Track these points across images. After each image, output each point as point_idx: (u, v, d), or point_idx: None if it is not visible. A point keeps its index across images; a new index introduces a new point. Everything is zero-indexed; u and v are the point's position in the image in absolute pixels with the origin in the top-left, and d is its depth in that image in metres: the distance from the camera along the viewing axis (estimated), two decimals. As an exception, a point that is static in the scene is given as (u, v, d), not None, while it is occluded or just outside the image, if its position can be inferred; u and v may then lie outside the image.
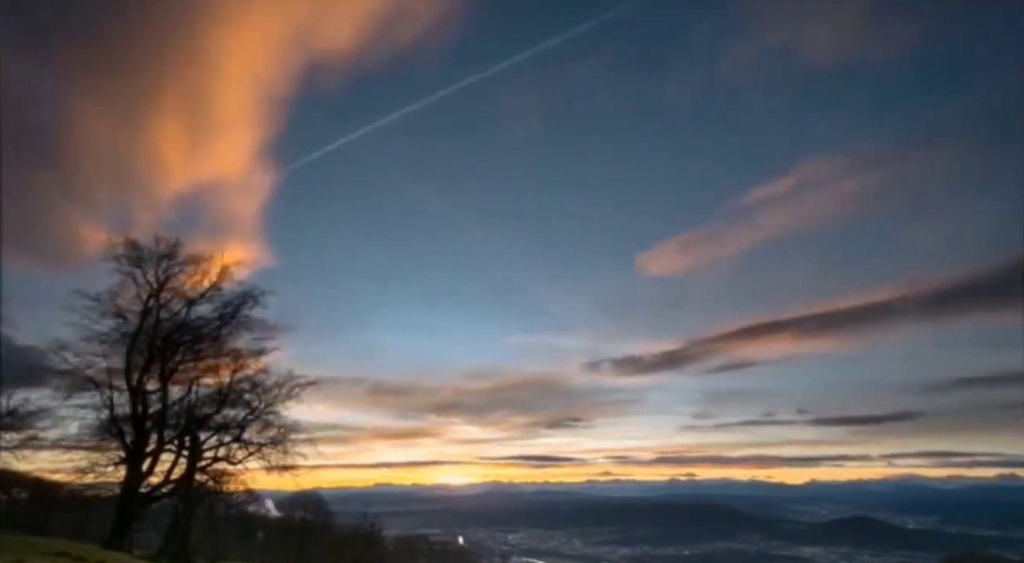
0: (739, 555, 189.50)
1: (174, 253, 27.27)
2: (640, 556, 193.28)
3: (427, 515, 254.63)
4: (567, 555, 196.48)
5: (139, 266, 26.64)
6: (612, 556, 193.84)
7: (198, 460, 28.33)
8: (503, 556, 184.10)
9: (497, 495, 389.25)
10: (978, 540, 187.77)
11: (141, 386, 26.44)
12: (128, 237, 26.88)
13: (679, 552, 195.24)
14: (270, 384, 29.35)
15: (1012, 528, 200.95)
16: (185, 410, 28.44)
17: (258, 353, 29.26)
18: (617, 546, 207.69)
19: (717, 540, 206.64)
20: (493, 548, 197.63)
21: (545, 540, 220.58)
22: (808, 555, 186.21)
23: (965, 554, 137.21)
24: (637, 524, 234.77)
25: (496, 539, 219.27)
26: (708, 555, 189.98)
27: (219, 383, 28.91)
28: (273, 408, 29.15)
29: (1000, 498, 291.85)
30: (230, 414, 29.18)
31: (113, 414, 26.09)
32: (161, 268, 26.98)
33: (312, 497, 65.69)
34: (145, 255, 26.73)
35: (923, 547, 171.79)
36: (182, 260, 27.45)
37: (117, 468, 26.00)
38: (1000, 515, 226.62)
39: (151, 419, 26.80)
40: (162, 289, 27.13)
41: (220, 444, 29.09)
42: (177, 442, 27.98)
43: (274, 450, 28.78)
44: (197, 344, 28.13)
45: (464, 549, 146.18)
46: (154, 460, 26.77)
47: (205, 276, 27.94)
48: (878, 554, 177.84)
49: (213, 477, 29.02)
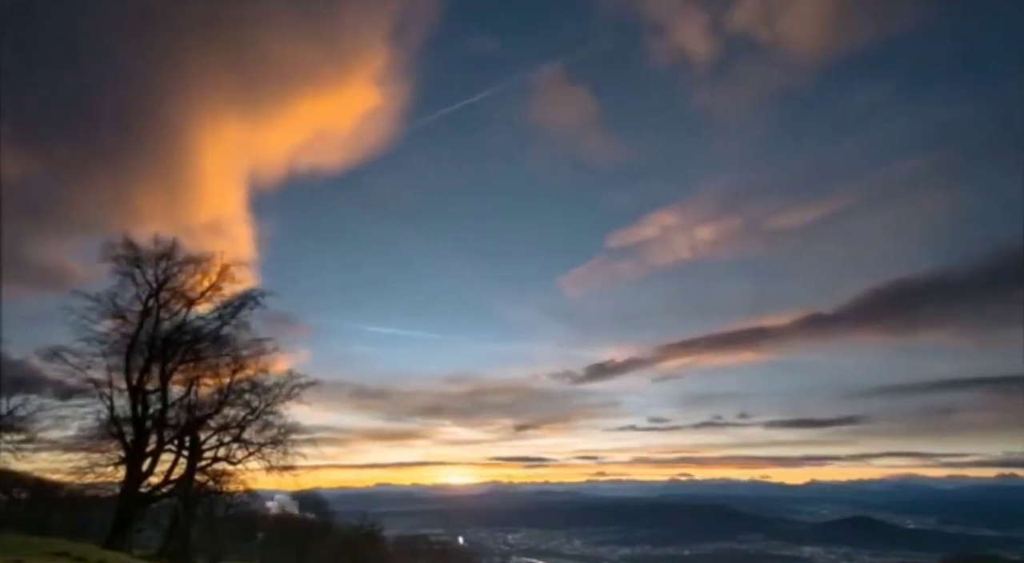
0: (739, 555, 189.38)
1: (172, 253, 27.32)
2: (640, 556, 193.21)
3: (427, 515, 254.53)
4: (567, 555, 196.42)
5: (138, 266, 26.67)
6: (612, 556, 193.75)
7: (198, 460, 28.32)
8: (503, 556, 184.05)
9: (497, 495, 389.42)
10: (978, 540, 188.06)
11: (141, 386, 26.42)
12: (126, 237, 26.93)
13: (679, 552, 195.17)
14: (270, 384, 29.43)
15: (1012, 528, 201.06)
16: (185, 410, 28.46)
17: (258, 353, 29.29)
18: (617, 546, 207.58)
19: (717, 540, 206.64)
20: (493, 548, 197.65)
21: (545, 540, 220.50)
22: (808, 555, 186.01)
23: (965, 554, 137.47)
24: (637, 524, 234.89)
25: (496, 539, 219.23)
26: (708, 555, 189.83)
27: (219, 383, 28.93)
28: (273, 408, 29.22)
29: (1000, 498, 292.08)
30: (230, 414, 29.25)
31: (113, 414, 26.08)
32: (160, 268, 27.01)
33: (312, 497, 65.79)
34: (143, 255, 26.77)
35: (923, 547, 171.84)
36: (181, 260, 27.51)
37: (117, 468, 25.98)
38: (1000, 515, 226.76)
39: (151, 419, 26.79)
40: (161, 289, 27.13)
41: (220, 444, 29.11)
42: (177, 442, 27.99)
43: (274, 450, 28.83)
44: (197, 344, 28.12)
45: (464, 549, 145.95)
46: (154, 460, 26.76)
47: (205, 276, 28.00)
48: (878, 554, 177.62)
49: (213, 477, 29.00)
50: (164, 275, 27.11)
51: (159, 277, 27.02)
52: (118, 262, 26.45)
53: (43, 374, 26.49)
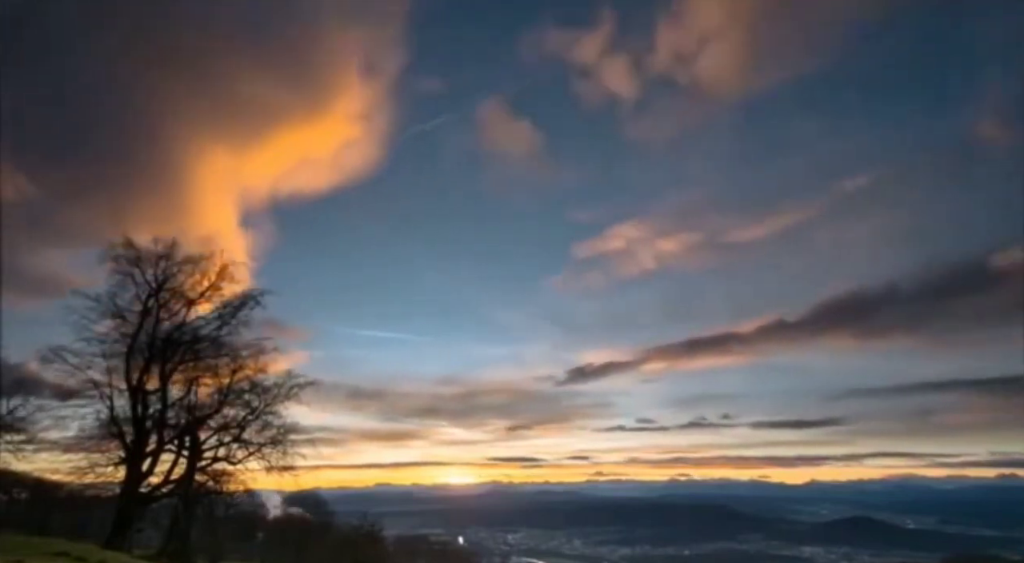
0: (739, 555, 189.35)
1: (172, 253, 27.30)
2: (640, 556, 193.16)
3: (427, 515, 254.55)
4: (567, 555, 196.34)
5: (137, 266, 26.64)
6: (612, 556, 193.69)
7: (198, 460, 28.31)
8: (503, 556, 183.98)
9: (497, 495, 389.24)
10: (978, 540, 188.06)
11: (141, 386, 26.39)
12: (126, 237, 26.92)
13: (679, 552, 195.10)
14: (269, 384, 29.42)
15: (1012, 528, 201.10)
16: (185, 410, 28.44)
17: (257, 353, 29.28)
18: (617, 546, 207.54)
19: (717, 540, 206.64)
20: (493, 548, 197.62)
21: (545, 540, 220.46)
22: (808, 555, 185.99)
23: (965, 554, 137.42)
24: (637, 524, 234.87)
25: (496, 539, 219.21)
26: (708, 555, 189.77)
27: (219, 383, 28.88)
28: (272, 408, 29.20)
29: (1000, 498, 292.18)
30: (230, 414, 29.20)
31: (113, 414, 26.06)
32: (160, 268, 26.98)
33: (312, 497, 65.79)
34: (143, 255, 26.76)
35: (923, 547, 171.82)
36: (180, 260, 27.48)
37: (117, 468, 25.96)
38: (1000, 515, 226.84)
39: (151, 419, 26.77)
40: (161, 289, 27.10)
41: (220, 444, 29.08)
42: (177, 442, 27.97)
43: (274, 450, 28.82)
44: (196, 344, 28.09)
45: (464, 549, 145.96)
46: (154, 460, 26.74)
47: (204, 276, 27.98)
48: (878, 554, 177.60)
49: (213, 477, 28.98)
50: (164, 275, 27.07)
51: (159, 277, 26.99)
52: (118, 262, 26.45)
53: (42, 375, 26.51)
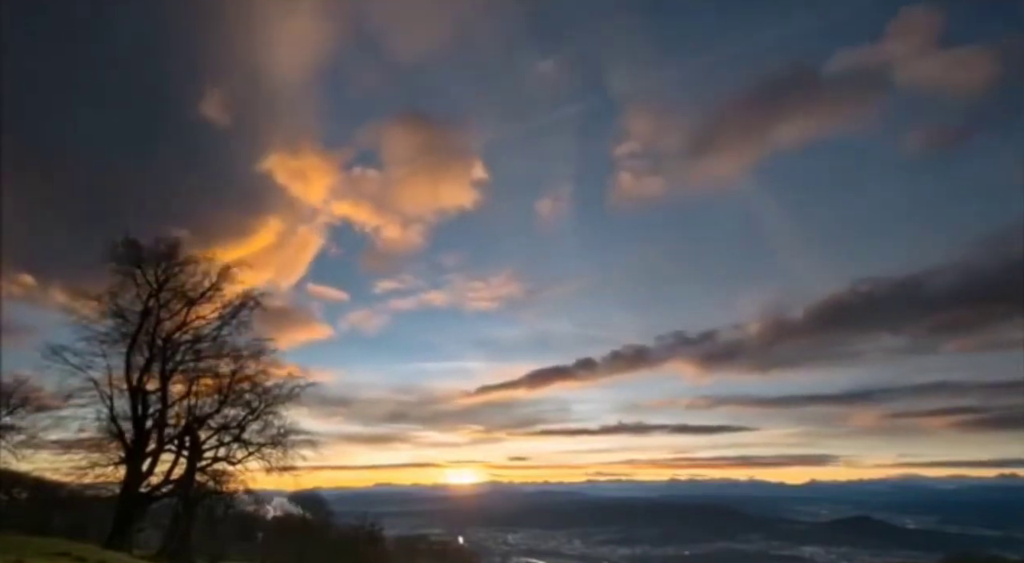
0: (739, 555, 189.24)
1: (173, 253, 27.33)
2: (640, 556, 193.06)
3: (427, 515, 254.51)
4: (567, 555, 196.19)
5: (138, 266, 26.68)
6: (612, 556, 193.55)
7: (198, 460, 28.31)
8: (503, 556, 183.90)
9: (497, 495, 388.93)
10: (978, 540, 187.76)
11: (141, 386, 26.43)
12: (127, 237, 26.94)
13: (679, 552, 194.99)
14: (269, 385, 29.43)
15: (1012, 528, 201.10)
16: (185, 410, 28.46)
17: (258, 354, 29.30)
18: (617, 546, 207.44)
19: (717, 540, 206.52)
20: (493, 548, 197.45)
21: (545, 540, 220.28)
22: (808, 555, 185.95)
23: (965, 554, 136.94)
24: (637, 524, 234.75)
25: (496, 539, 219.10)
26: (708, 555, 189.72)
27: (219, 383, 28.92)
28: (273, 408, 29.21)
29: (1000, 498, 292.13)
30: (230, 414, 29.24)
31: (113, 414, 26.09)
32: (161, 268, 27.02)
33: (312, 497, 65.76)
34: (144, 255, 26.77)
35: (923, 547, 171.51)
36: (182, 260, 27.51)
37: (117, 468, 26.00)
38: (1000, 515, 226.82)
39: (151, 419, 26.81)
40: (162, 289, 27.14)
41: (220, 444, 29.11)
42: (177, 442, 27.98)
43: (274, 450, 28.85)
44: (197, 344, 28.17)
45: (464, 549, 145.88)
46: (154, 460, 26.77)
47: (205, 277, 28.03)
48: (878, 554, 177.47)
49: (213, 477, 28.96)
50: (165, 275, 27.14)
51: (160, 277, 27.05)
52: (119, 261, 26.49)
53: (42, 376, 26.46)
